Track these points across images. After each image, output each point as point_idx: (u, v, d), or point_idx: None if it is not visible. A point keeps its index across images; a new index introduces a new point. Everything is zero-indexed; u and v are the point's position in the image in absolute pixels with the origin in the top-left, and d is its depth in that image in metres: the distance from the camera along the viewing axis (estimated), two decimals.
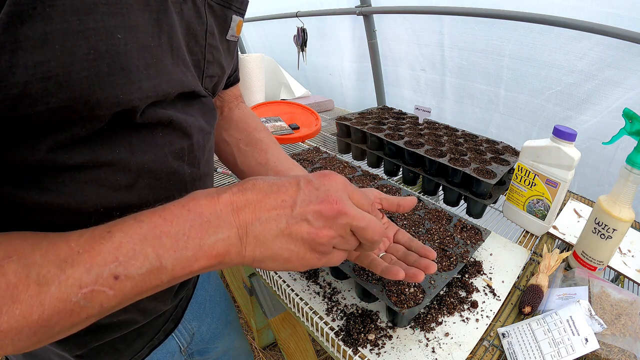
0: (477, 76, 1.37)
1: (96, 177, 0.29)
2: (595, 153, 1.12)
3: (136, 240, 0.26)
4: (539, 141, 0.71)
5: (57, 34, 0.23)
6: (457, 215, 0.72)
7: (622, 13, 0.92)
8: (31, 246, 0.24)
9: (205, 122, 0.42)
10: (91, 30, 0.25)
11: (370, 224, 0.33)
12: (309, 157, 0.96)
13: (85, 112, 0.26)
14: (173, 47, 0.33)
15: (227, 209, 0.29)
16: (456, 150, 0.91)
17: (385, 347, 0.51)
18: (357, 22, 1.65)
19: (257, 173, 0.56)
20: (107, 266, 0.24)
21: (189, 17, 0.36)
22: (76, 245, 0.25)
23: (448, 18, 1.33)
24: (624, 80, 0.99)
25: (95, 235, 0.25)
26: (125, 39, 0.27)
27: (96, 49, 0.25)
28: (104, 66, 0.26)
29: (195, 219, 0.28)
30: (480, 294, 0.60)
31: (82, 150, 0.28)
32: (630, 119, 0.55)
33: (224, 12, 0.42)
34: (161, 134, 0.34)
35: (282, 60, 2.01)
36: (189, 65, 0.37)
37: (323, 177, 0.33)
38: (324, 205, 0.30)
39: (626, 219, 0.57)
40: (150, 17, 0.30)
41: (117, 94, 0.27)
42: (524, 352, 0.49)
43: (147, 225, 0.26)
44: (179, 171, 0.37)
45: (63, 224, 0.29)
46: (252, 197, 0.30)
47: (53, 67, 0.23)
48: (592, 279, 0.58)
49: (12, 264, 0.23)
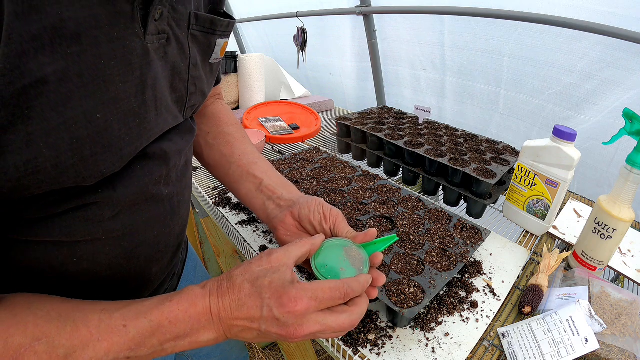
0: (477, 76, 1.37)
1: (83, 214, 0.32)
2: (595, 153, 1.12)
3: (147, 335, 0.32)
4: (539, 141, 0.71)
5: (38, 133, 0.24)
6: (457, 215, 0.72)
7: (622, 13, 0.92)
8: (57, 329, 0.29)
9: (183, 141, 0.43)
10: (71, 120, 0.26)
11: (332, 330, 0.36)
12: (309, 157, 0.96)
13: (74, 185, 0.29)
14: (157, 98, 0.34)
15: (216, 318, 0.35)
16: (456, 150, 0.91)
17: (385, 347, 0.51)
18: (357, 22, 1.65)
19: (221, 165, 0.56)
20: (122, 352, 0.31)
21: (173, 57, 0.35)
22: (97, 333, 0.30)
23: (448, 18, 1.33)
24: (624, 80, 0.99)
25: (112, 327, 0.31)
26: (105, 116, 0.28)
27: (77, 137, 0.27)
28: (87, 150, 0.28)
29: (194, 324, 0.34)
30: (480, 294, 0.60)
31: (69, 201, 0.30)
32: (630, 119, 0.55)
33: (208, 39, 0.41)
34: (139, 167, 0.35)
35: (282, 60, 2.01)
36: (171, 106, 0.38)
37: (282, 307, 0.34)
38: (284, 332, 0.35)
39: (626, 219, 0.57)
40: (133, 78, 0.30)
41: (101, 169, 0.30)
42: (524, 352, 0.49)
43: (156, 325, 0.32)
44: (157, 195, 0.39)
45: (55, 252, 0.32)
46: (227, 304, 0.35)
47: (41, 162, 0.25)
48: (592, 279, 0.58)
49: (42, 346, 0.28)
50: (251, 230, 0.74)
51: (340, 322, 0.36)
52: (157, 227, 0.41)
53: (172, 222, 0.43)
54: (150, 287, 0.46)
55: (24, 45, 0.22)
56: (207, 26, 0.39)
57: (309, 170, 0.88)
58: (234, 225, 0.76)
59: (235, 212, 0.81)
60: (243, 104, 1.58)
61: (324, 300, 0.35)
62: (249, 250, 0.70)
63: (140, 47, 0.30)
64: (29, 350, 0.27)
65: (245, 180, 0.54)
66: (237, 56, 1.51)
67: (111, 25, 0.27)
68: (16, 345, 0.27)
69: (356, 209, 0.73)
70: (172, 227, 0.44)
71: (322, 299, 0.35)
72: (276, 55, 2.15)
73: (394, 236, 0.46)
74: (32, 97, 0.23)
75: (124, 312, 0.32)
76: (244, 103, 1.57)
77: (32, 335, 0.28)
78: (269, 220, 0.51)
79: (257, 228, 0.75)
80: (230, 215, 0.79)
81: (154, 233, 0.40)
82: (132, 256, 0.38)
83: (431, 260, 0.60)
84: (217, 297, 0.35)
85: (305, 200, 0.49)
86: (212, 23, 0.40)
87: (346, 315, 0.37)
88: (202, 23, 0.38)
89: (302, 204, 0.48)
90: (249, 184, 0.54)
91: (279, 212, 0.50)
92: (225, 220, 0.78)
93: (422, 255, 0.61)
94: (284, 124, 1.29)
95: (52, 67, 0.23)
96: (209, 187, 0.92)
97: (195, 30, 0.38)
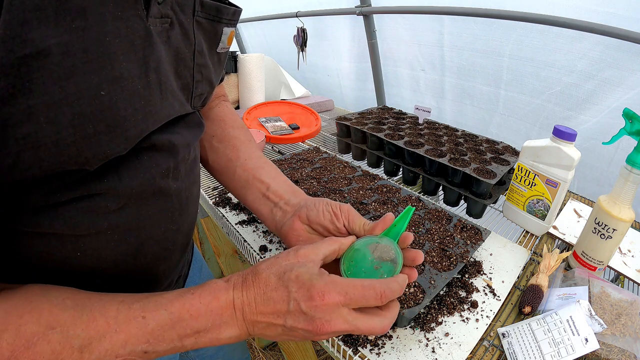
0: (477, 76, 1.37)
1: (87, 205, 0.31)
2: (595, 153, 1.12)
3: (166, 328, 0.31)
4: (539, 141, 0.71)
5: (40, 107, 0.24)
6: (457, 215, 0.72)
7: (622, 13, 0.92)
8: (72, 318, 0.28)
9: (191, 135, 0.42)
10: (73, 95, 0.25)
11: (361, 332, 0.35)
12: (309, 157, 0.96)
13: (76, 168, 0.28)
14: (161, 82, 0.33)
15: (239, 313, 0.34)
16: (456, 150, 0.91)
17: (385, 347, 0.51)
18: (357, 22, 1.65)
19: (227, 170, 0.55)
20: (139, 345, 0.30)
21: (176, 42, 0.35)
22: (114, 324, 0.29)
23: (448, 18, 1.33)
24: (624, 80, 0.99)
25: (130, 317, 0.30)
26: (110, 94, 0.27)
27: (80, 114, 0.26)
28: (90, 128, 0.27)
29: (216, 319, 0.33)
30: (480, 294, 0.60)
31: (73, 189, 0.30)
32: (630, 119, 0.55)
33: (214, 27, 0.40)
34: (146, 157, 0.34)
35: (282, 60, 2.01)
36: (177, 92, 0.37)
37: (310, 300, 0.33)
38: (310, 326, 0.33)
39: (626, 219, 0.57)
40: (136, 58, 0.29)
41: (104, 150, 0.29)
42: (524, 352, 0.49)
43: (176, 318, 0.31)
44: (165, 188, 0.38)
45: (59, 245, 0.31)
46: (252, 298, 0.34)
47: (41, 137, 0.25)
48: (592, 279, 0.58)
49: (56, 335, 0.27)
50: (251, 230, 0.74)
51: (371, 325, 0.34)
52: (165, 223, 0.40)
53: (181, 219, 0.42)
54: (157, 287, 0.45)
55: (27, 14, 0.22)
56: (213, 13, 0.39)
57: (309, 170, 0.88)
58: (234, 225, 0.76)
59: (235, 212, 0.81)
60: (243, 104, 1.58)
61: (354, 297, 0.33)
62: (249, 250, 0.70)
63: (142, 28, 0.30)
64: (41, 339, 0.26)
65: (251, 185, 0.53)
66: (237, 56, 1.51)
67: (116, 4, 0.27)
68: (29, 334, 0.26)
69: (356, 209, 0.73)
70: (180, 223, 0.43)
71: (353, 295, 0.33)
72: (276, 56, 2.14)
73: (410, 207, 0.43)
74: (34, 68, 0.23)
75: (144, 303, 0.31)
76: (244, 103, 1.57)
77: (46, 323, 0.27)
78: (278, 228, 0.50)
79: (257, 228, 0.75)
80: (230, 215, 0.79)
81: (161, 229, 0.39)
82: (138, 253, 0.38)
83: (431, 260, 0.60)
84: (241, 291, 0.34)
85: (312, 202, 0.48)
86: (218, 10, 0.40)
87: (378, 320, 0.35)
88: (208, 10, 0.38)
89: (310, 206, 0.47)
90: (256, 190, 0.52)
91: (286, 218, 0.49)
92: (225, 220, 0.78)
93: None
94: (284, 124, 1.29)
95: (56, 39, 0.23)
96: (209, 187, 0.92)
97: (200, 17, 0.38)
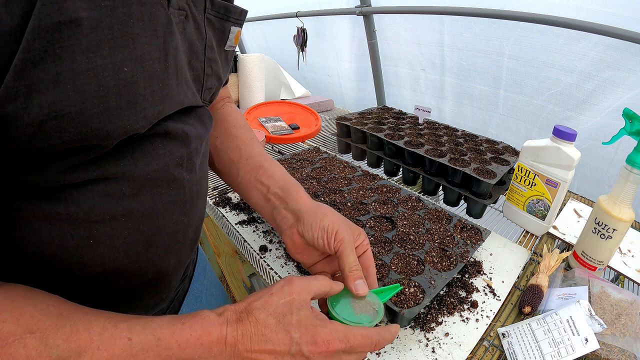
0: (476, 76, 1.37)
1: (102, 188, 0.31)
2: (595, 153, 1.12)
3: (151, 354, 0.30)
4: (539, 141, 0.71)
5: (67, 74, 0.24)
6: (457, 215, 0.72)
7: (622, 13, 0.92)
8: (54, 326, 0.27)
9: (202, 128, 0.43)
10: (99, 67, 0.26)
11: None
12: (309, 157, 0.96)
13: (95, 142, 0.28)
14: (178, 69, 0.34)
15: (230, 348, 0.33)
16: (456, 150, 0.91)
17: (385, 347, 0.51)
18: (356, 22, 1.65)
19: (231, 172, 0.56)
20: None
21: (191, 34, 0.37)
22: (98, 341, 0.28)
23: (448, 18, 1.33)
24: (624, 80, 0.99)
25: (115, 336, 0.29)
26: (132, 71, 0.28)
27: (105, 85, 0.27)
28: (112, 100, 0.28)
29: (204, 352, 0.32)
30: (480, 294, 0.60)
31: (89, 169, 0.30)
32: (630, 119, 0.55)
33: (222, 25, 0.42)
34: (160, 145, 0.35)
35: (282, 60, 2.01)
36: (190, 82, 0.38)
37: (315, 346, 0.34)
38: None
39: (626, 219, 0.57)
40: (157, 42, 0.31)
41: (125, 125, 0.29)
42: (524, 352, 0.49)
43: (163, 345, 0.30)
44: (178, 178, 0.39)
45: (72, 231, 0.31)
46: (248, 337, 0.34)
47: (65, 105, 0.25)
48: (592, 279, 0.58)
49: (33, 341, 0.25)
50: (251, 230, 0.74)
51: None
52: (177, 214, 0.40)
53: (191, 212, 0.43)
54: (166, 281, 0.45)
55: None
56: (222, 12, 0.42)
57: (309, 170, 0.88)
58: (234, 225, 0.76)
59: (235, 212, 0.81)
60: (243, 104, 1.58)
61: (354, 345, 0.35)
62: (248, 250, 0.70)
63: (164, 15, 0.31)
64: (17, 341, 0.25)
65: (253, 187, 0.54)
66: (237, 56, 1.51)
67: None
68: (5, 333, 0.25)
69: (356, 209, 0.73)
70: (191, 216, 0.43)
71: (353, 343, 0.35)
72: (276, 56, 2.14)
73: (398, 285, 0.47)
74: (65, 36, 0.24)
75: (131, 324, 0.30)
76: (244, 103, 1.57)
77: (26, 326, 0.26)
78: (280, 232, 0.52)
79: (257, 228, 0.75)
80: (230, 215, 0.79)
81: (173, 220, 0.40)
82: (150, 244, 0.38)
83: (431, 260, 0.60)
84: (235, 329, 0.34)
85: (310, 221, 0.48)
86: (227, 9, 0.42)
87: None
88: (217, 8, 0.41)
89: (306, 225, 0.47)
90: (257, 192, 0.54)
91: (286, 225, 0.50)
92: (225, 220, 0.78)
93: (422, 255, 0.61)
94: (284, 124, 1.29)
95: (87, 13, 0.24)
96: (209, 187, 0.92)
97: (210, 14, 0.40)
